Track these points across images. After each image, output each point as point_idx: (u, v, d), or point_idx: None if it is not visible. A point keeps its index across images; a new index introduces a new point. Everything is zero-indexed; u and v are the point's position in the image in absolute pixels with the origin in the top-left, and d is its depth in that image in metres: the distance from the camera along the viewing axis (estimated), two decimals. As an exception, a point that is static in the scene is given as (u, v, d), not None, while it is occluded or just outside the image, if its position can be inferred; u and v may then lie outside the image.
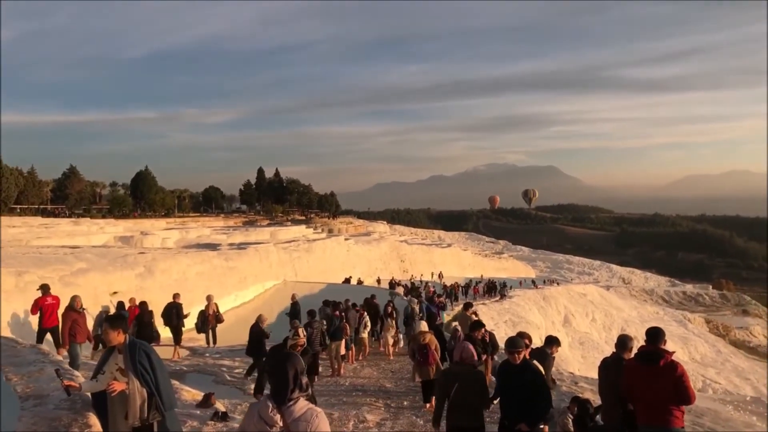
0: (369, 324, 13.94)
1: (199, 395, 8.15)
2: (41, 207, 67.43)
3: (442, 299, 22.55)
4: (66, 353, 9.51)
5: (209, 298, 15.50)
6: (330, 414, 8.22)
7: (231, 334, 16.23)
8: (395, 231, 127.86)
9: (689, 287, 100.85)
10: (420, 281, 46.53)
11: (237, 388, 10.47)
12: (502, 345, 7.05)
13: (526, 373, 4.98)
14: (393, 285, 36.22)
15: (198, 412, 7.47)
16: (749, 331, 67.45)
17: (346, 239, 56.98)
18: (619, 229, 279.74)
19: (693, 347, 49.18)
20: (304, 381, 2.93)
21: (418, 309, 14.87)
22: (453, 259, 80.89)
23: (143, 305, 12.53)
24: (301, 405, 2.87)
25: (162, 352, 9.45)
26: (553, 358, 7.43)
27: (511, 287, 50.75)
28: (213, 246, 33.70)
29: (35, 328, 11.11)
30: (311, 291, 26.78)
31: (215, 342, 15.43)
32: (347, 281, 37.11)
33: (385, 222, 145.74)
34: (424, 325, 9.70)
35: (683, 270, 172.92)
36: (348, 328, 12.73)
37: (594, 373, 8.97)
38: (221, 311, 16.18)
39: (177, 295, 14.52)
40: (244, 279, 27.08)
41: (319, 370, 9.94)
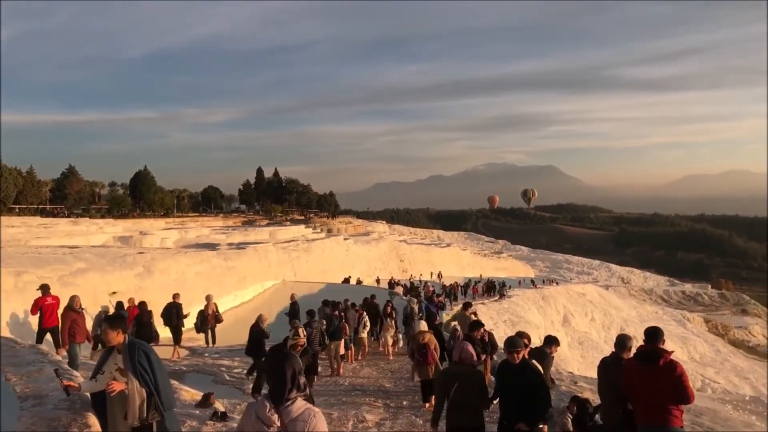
0: (368, 324, 13.94)
1: (199, 395, 8.15)
2: (40, 207, 67.43)
3: (441, 299, 22.54)
4: (65, 353, 9.52)
5: (208, 297, 15.49)
6: (329, 414, 8.22)
7: (230, 334, 16.21)
8: (394, 231, 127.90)
9: (688, 287, 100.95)
10: (419, 281, 46.55)
11: (236, 388, 10.47)
12: (501, 345, 7.06)
13: (525, 373, 4.98)
14: (392, 285, 36.26)
15: (197, 411, 7.47)
16: (748, 331, 67.52)
17: (345, 239, 57.00)
18: (618, 229, 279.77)
19: (692, 347, 49.22)
20: (301, 381, 2.92)
21: (417, 309, 14.86)
22: (452, 259, 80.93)
23: (142, 305, 12.52)
24: (299, 405, 2.86)
25: (161, 351, 9.44)
26: (552, 357, 7.44)
27: (510, 287, 50.79)
28: (212, 246, 33.68)
29: (35, 328, 11.10)
30: (310, 291, 26.77)
31: (214, 342, 15.42)
32: (346, 281, 37.12)
33: (385, 222, 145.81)
34: (423, 325, 9.70)
35: (682, 269, 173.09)
36: (347, 328, 12.73)
37: (593, 373, 8.98)
38: (220, 311, 16.17)
39: (177, 295, 14.51)
40: (243, 279, 27.07)
41: (319, 369, 9.94)
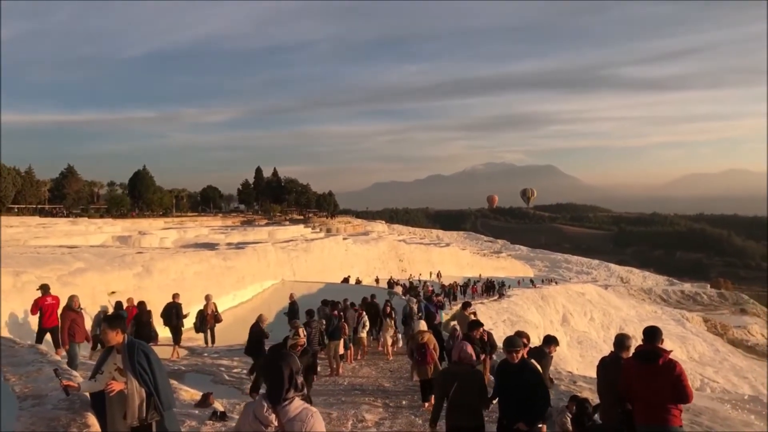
0: (368, 324, 13.93)
1: (198, 395, 8.15)
2: (39, 207, 67.41)
3: (440, 298, 22.53)
4: (64, 353, 9.52)
5: (208, 297, 15.48)
6: (329, 413, 8.22)
7: (229, 333, 16.21)
8: (393, 230, 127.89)
9: (687, 286, 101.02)
10: (418, 281, 46.54)
11: (235, 387, 10.48)
12: (500, 344, 7.06)
13: (524, 373, 4.98)
14: (391, 284, 36.24)
15: (196, 411, 7.47)
16: (747, 330, 67.58)
17: (344, 239, 57.01)
18: (618, 229, 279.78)
19: (691, 346, 49.27)
20: (299, 381, 2.92)
21: (416, 308, 14.85)
22: (451, 259, 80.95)
23: (141, 305, 12.51)
24: (297, 405, 2.86)
25: (160, 351, 9.44)
26: (551, 357, 7.44)
27: (510, 286, 50.84)
28: (211, 245, 33.67)
29: (34, 328, 11.09)
30: (309, 290, 26.76)
31: (213, 342, 15.42)
32: (345, 281, 37.12)
33: (384, 221, 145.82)
34: (422, 325, 9.68)
35: (681, 269, 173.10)
36: (346, 327, 12.73)
37: (592, 372, 8.99)
38: (219, 311, 16.17)
39: (176, 295, 14.50)
40: (242, 279, 27.06)
41: (318, 369, 9.94)
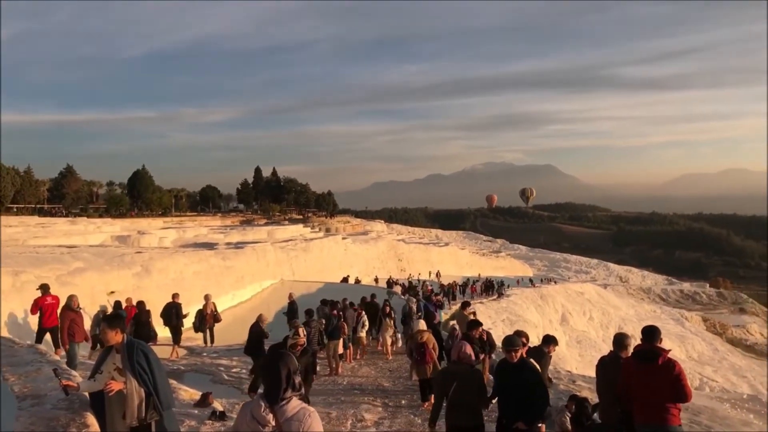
0: (367, 323, 13.92)
1: (197, 395, 8.16)
2: (38, 206, 67.34)
3: (439, 298, 22.53)
4: (64, 353, 9.52)
5: (207, 297, 15.46)
6: (328, 413, 8.23)
7: (228, 333, 16.20)
8: (393, 230, 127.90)
9: (686, 285, 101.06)
10: (418, 280, 46.55)
11: (235, 387, 10.48)
12: (499, 344, 7.07)
13: (523, 372, 4.99)
14: (390, 284, 36.26)
15: (196, 411, 7.47)
16: (746, 329, 67.61)
17: (343, 238, 56.97)
18: (617, 228, 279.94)
19: (690, 345, 49.29)
20: (297, 381, 2.92)
21: (415, 308, 14.85)
22: (450, 258, 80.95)
23: (141, 305, 12.51)
24: (294, 404, 2.86)
25: (160, 351, 9.44)
26: (550, 357, 7.45)
27: (509, 286, 50.86)
28: (210, 245, 33.65)
29: (33, 327, 11.08)
30: (309, 290, 26.76)
31: (213, 341, 15.41)
32: (345, 280, 37.14)
33: (383, 221, 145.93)
34: (422, 324, 9.69)
35: (680, 268, 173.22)
36: (346, 327, 12.73)
37: (591, 372, 9.00)
38: (219, 310, 16.16)
39: (176, 295, 14.48)
40: (241, 278, 27.05)
41: (317, 369, 9.95)
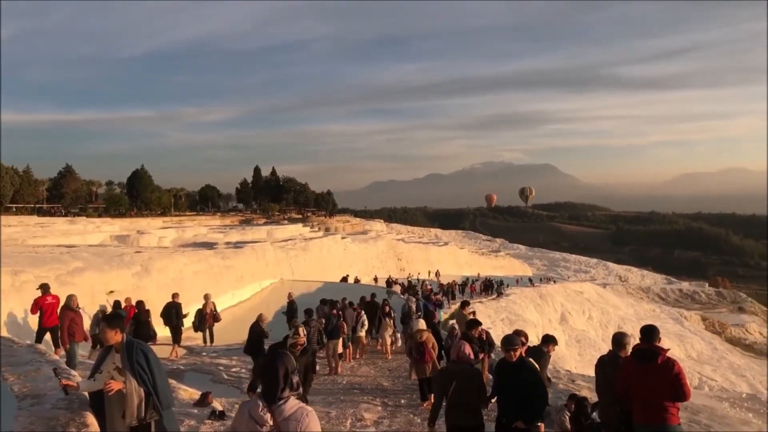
0: (366, 323, 13.92)
1: (197, 394, 8.17)
2: (37, 206, 67.27)
3: (438, 297, 22.53)
4: (63, 352, 9.52)
5: (207, 297, 15.45)
6: (327, 412, 8.24)
7: (228, 333, 16.21)
8: (392, 229, 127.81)
9: (685, 285, 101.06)
10: (417, 279, 46.55)
11: (234, 387, 10.48)
12: (498, 343, 7.07)
13: (522, 371, 4.99)
14: (390, 283, 36.26)
15: (195, 411, 7.48)
16: (745, 329, 67.63)
17: (342, 238, 56.98)
18: (616, 227, 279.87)
19: (689, 344, 49.32)
20: (294, 380, 2.92)
21: (415, 307, 14.85)
22: (450, 258, 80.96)
23: (140, 304, 12.51)
24: (292, 404, 2.87)
25: (159, 351, 9.44)
26: (549, 356, 7.46)
27: (508, 285, 50.89)
28: (210, 245, 33.66)
29: (33, 327, 11.08)
30: (308, 290, 26.77)
31: (212, 341, 15.40)
32: (344, 280, 37.14)
33: (382, 220, 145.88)
34: (421, 323, 9.70)
35: (679, 268, 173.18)
36: (345, 326, 12.73)
37: (591, 371, 9.00)
38: (218, 310, 16.15)
39: (176, 295, 14.48)
40: (240, 278, 27.05)
41: (317, 368, 9.95)
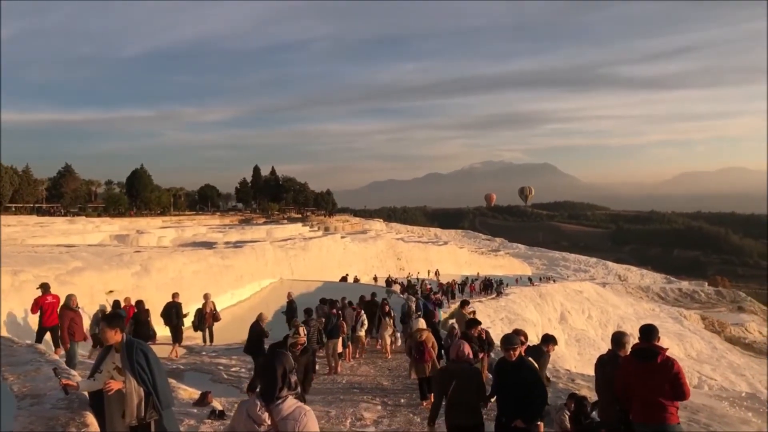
0: (366, 322, 13.92)
1: (196, 394, 8.17)
2: (36, 205, 67.24)
3: (438, 296, 22.55)
4: (63, 352, 9.52)
5: (206, 296, 15.45)
6: (327, 412, 8.24)
7: (228, 332, 16.20)
8: (392, 229, 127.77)
9: (685, 284, 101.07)
10: (416, 279, 46.56)
11: (234, 386, 10.48)
12: (498, 342, 7.08)
13: (521, 370, 5.00)
14: (389, 283, 36.27)
15: (195, 410, 7.48)
16: (745, 328, 67.65)
17: (342, 237, 56.98)
18: (615, 227, 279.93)
19: (689, 344, 49.35)
20: (293, 379, 2.93)
21: (414, 307, 14.85)
22: (449, 257, 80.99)
23: (140, 304, 12.51)
24: (290, 403, 2.87)
25: (159, 350, 9.45)
26: (549, 356, 7.46)
27: (508, 285, 50.89)
28: (209, 244, 33.64)
29: (32, 326, 11.07)
30: (308, 289, 26.77)
31: (212, 340, 15.40)
32: (344, 279, 37.15)
33: (382, 220, 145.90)
34: (421, 323, 9.71)
35: (679, 267, 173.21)
36: (345, 326, 12.73)
37: (590, 370, 9.01)
38: (218, 309, 16.15)
39: (176, 295, 14.47)
40: (240, 277, 27.03)
41: (317, 368, 9.95)
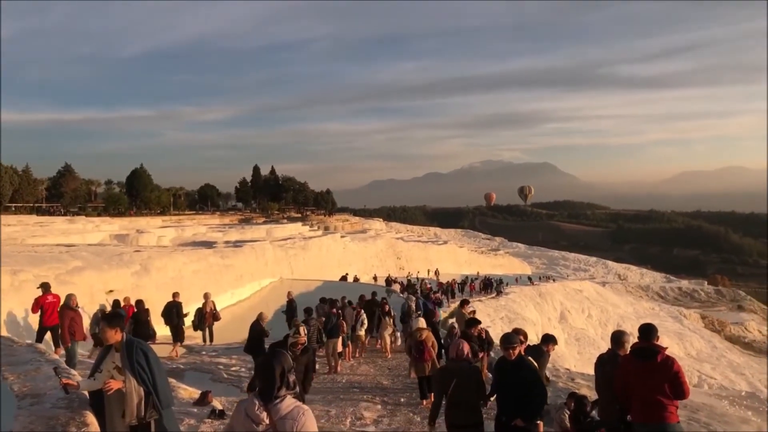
0: (366, 321, 13.92)
1: (196, 393, 8.16)
2: (36, 205, 67.21)
3: (438, 295, 22.56)
4: (63, 351, 9.53)
5: (206, 296, 15.45)
6: (327, 411, 8.25)
7: (228, 332, 16.21)
8: (391, 228, 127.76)
9: (685, 283, 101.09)
10: (416, 278, 46.56)
11: (234, 386, 10.48)
12: (497, 341, 7.09)
13: (521, 370, 5.01)
14: (389, 282, 36.28)
15: (195, 410, 7.48)
16: (744, 327, 67.67)
17: (342, 237, 56.96)
18: (615, 226, 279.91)
19: (688, 343, 49.35)
20: (291, 379, 2.93)
21: (414, 306, 14.85)
22: (449, 256, 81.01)
23: (140, 303, 12.52)
24: (288, 403, 2.87)
25: (159, 350, 9.44)
26: (549, 355, 7.47)
27: (507, 284, 50.90)
28: (209, 244, 33.61)
29: (32, 326, 11.07)
30: (307, 288, 26.77)
31: (212, 340, 15.41)
32: (344, 279, 37.14)
33: (381, 219, 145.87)
34: (421, 322, 9.72)
35: (679, 266, 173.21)
36: (345, 325, 12.74)
37: (590, 369, 9.02)
38: (218, 309, 16.16)
39: (176, 294, 14.48)
40: (240, 277, 27.03)
41: (317, 367, 9.96)
